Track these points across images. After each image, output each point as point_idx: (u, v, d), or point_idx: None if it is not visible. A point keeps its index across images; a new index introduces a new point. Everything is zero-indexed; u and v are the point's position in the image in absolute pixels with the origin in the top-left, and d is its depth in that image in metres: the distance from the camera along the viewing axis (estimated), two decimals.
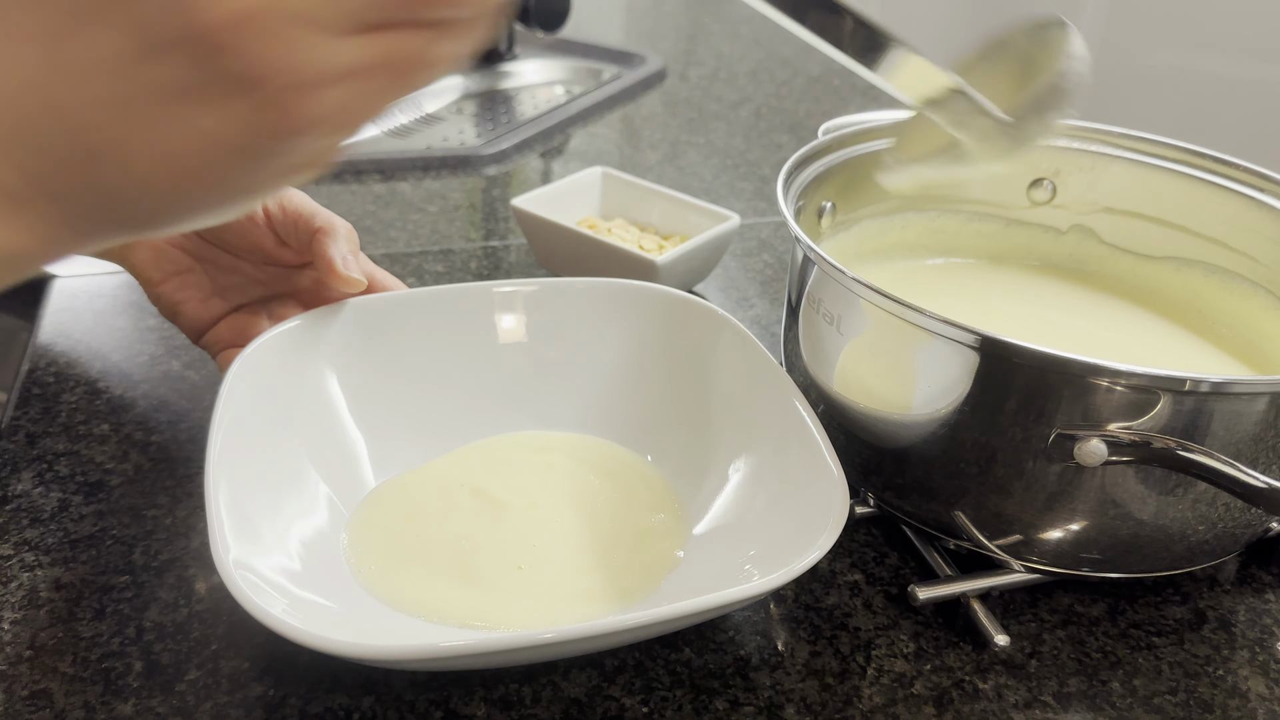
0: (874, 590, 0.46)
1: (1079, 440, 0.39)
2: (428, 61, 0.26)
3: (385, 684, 0.40)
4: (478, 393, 0.51)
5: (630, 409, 0.52)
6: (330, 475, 0.46)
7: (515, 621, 0.41)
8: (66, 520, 0.47)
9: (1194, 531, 0.43)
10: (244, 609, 0.34)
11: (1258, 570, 0.48)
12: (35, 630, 0.41)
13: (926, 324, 0.41)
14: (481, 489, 0.47)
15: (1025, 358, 0.39)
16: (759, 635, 0.43)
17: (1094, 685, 0.42)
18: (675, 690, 0.40)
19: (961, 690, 0.41)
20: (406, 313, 0.50)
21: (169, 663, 0.40)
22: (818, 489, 0.42)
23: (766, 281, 0.72)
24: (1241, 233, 0.55)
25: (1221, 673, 0.43)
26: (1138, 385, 0.38)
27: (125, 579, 0.44)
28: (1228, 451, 0.39)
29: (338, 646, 0.33)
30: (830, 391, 0.48)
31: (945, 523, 0.45)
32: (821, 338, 0.48)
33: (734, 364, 0.49)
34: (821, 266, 0.45)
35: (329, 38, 0.24)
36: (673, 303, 0.52)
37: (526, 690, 0.40)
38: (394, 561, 0.43)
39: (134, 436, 0.53)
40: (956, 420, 0.42)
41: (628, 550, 0.45)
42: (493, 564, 0.43)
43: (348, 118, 0.25)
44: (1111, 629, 0.44)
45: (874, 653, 0.42)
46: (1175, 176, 0.57)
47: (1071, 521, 0.42)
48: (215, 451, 0.40)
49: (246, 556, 0.37)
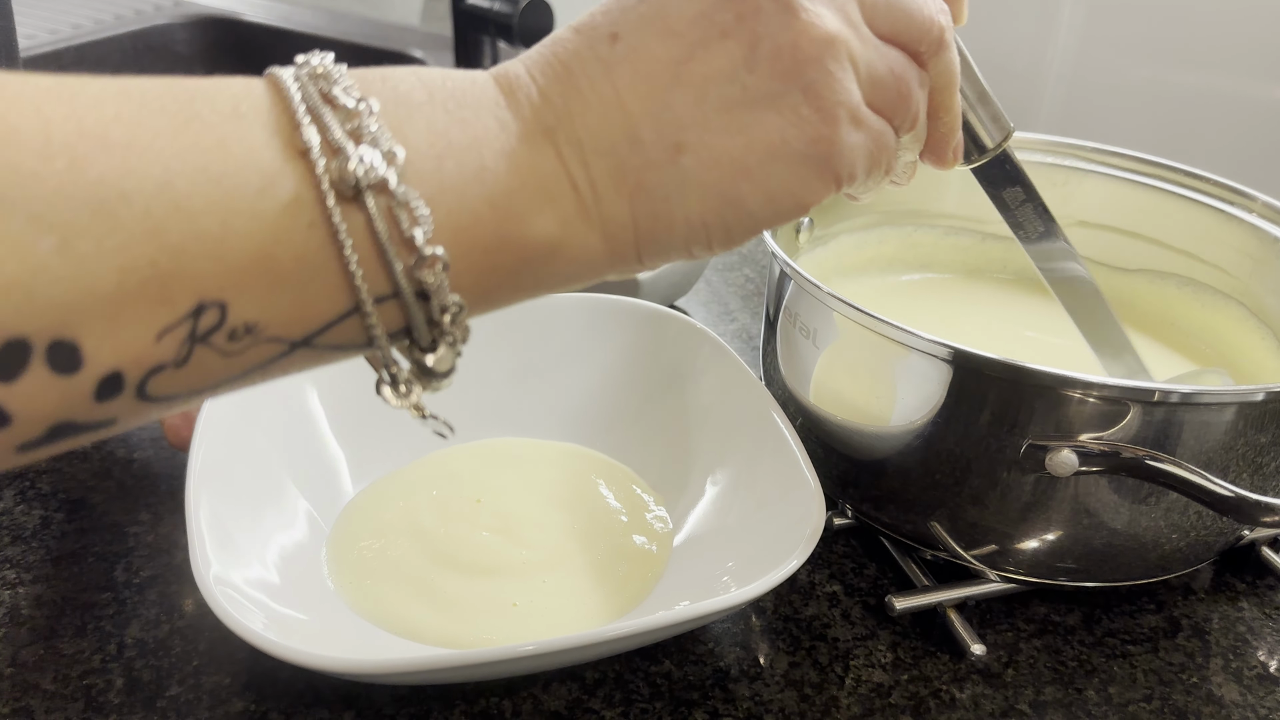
0: (852, 601, 0.46)
1: (1050, 451, 0.40)
2: (890, 157, 0.31)
3: (366, 698, 0.40)
4: (459, 405, 0.52)
5: (611, 422, 0.52)
6: (310, 490, 0.46)
7: (493, 634, 0.41)
8: (48, 537, 0.47)
9: (1167, 540, 0.43)
10: (225, 625, 0.34)
11: (1231, 578, 0.49)
12: (16, 647, 0.41)
13: (900, 338, 0.42)
14: (460, 497, 0.47)
15: (997, 370, 0.40)
16: (738, 646, 0.43)
17: (1070, 694, 0.42)
18: (655, 702, 0.41)
19: (938, 699, 0.41)
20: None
21: (150, 679, 0.40)
22: (795, 500, 0.42)
23: (748, 295, 0.72)
24: (1213, 246, 0.56)
25: (1196, 680, 0.43)
26: (1108, 396, 0.39)
27: (107, 595, 0.44)
28: (1198, 461, 0.40)
29: (317, 661, 0.33)
30: (808, 404, 0.48)
31: (922, 533, 0.46)
32: (799, 352, 0.48)
33: (713, 377, 0.50)
34: (798, 281, 0.46)
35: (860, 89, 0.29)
36: (653, 317, 0.52)
37: (507, 704, 0.40)
38: (373, 573, 0.43)
39: (116, 454, 0.53)
40: (931, 432, 0.43)
41: (611, 560, 0.45)
42: (470, 575, 0.44)
43: (861, 159, 0.29)
44: (1087, 637, 0.45)
45: (852, 663, 0.43)
46: (1148, 190, 0.57)
47: (1046, 531, 0.43)
48: (196, 468, 0.40)
49: (227, 572, 0.37)
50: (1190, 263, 0.57)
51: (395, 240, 0.24)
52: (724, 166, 0.27)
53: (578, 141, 0.27)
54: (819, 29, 0.27)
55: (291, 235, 0.23)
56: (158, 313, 0.22)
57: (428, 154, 0.25)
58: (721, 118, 0.27)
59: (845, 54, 0.28)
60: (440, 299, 0.25)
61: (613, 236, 0.28)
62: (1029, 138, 0.59)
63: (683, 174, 0.27)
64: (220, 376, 0.24)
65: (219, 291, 0.23)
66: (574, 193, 0.27)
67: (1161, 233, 0.57)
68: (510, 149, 0.26)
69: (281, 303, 0.24)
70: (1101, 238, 0.59)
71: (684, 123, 0.27)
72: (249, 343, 0.24)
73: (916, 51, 0.31)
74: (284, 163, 0.23)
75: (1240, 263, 0.54)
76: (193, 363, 0.23)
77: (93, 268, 0.21)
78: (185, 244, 0.22)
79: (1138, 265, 0.59)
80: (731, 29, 0.27)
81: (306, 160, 0.23)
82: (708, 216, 0.28)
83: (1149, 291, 0.58)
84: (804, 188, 0.28)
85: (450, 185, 0.25)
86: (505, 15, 0.94)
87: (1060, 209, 0.60)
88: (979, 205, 0.61)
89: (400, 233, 0.24)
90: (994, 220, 0.61)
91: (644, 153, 0.27)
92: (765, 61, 0.27)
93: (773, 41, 0.27)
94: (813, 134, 0.28)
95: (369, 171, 0.24)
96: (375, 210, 0.24)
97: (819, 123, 0.28)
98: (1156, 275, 0.58)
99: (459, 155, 0.25)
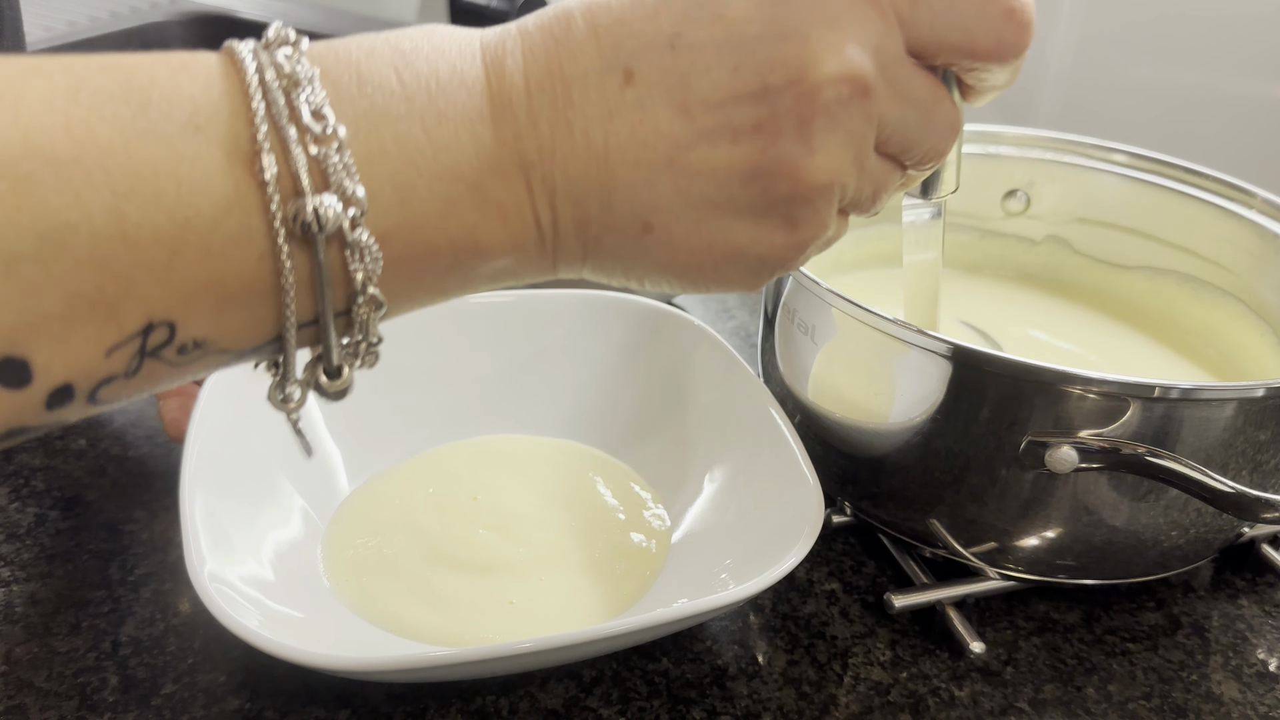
0: (851, 599, 0.46)
1: (1050, 447, 0.40)
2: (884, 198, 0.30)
3: (362, 696, 0.40)
4: (456, 403, 0.52)
5: (608, 419, 0.52)
6: (306, 488, 0.46)
7: (490, 631, 0.41)
8: (43, 535, 0.47)
9: (1167, 537, 0.43)
10: (220, 622, 0.34)
11: (1231, 575, 0.49)
12: (10, 645, 0.41)
13: (899, 334, 0.41)
14: (457, 494, 0.47)
15: (997, 366, 0.40)
16: (736, 644, 0.43)
17: (1069, 691, 0.42)
18: (653, 700, 0.40)
19: (938, 697, 0.41)
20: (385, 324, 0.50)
21: (145, 677, 0.40)
22: (793, 498, 0.42)
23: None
24: (1213, 242, 0.55)
25: (1196, 678, 0.43)
26: (1108, 393, 0.39)
27: (101, 593, 0.44)
28: (1197, 457, 0.39)
29: (313, 659, 0.33)
30: (806, 401, 0.48)
31: (921, 531, 0.46)
32: (797, 348, 0.48)
33: (712, 374, 0.50)
34: (796, 277, 0.46)
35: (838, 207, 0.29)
36: (651, 314, 0.52)
37: (504, 702, 0.40)
38: (369, 571, 0.43)
39: (110, 451, 0.53)
40: (930, 429, 0.43)
41: (609, 557, 0.45)
42: (467, 572, 0.43)
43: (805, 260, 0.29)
44: (1087, 635, 0.45)
45: (851, 661, 0.43)
46: (1148, 187, 0.57)
47: (1045, 528, 0.43)
48: (191, 466, 0.40)
49: (222, 570, 0.37)
50: (1189, 259, 0.57)
51: (337, 281, 0.24)
52: (680, 255, 0.27)
53: (552, 185, 0.26)
54: (824, 174, 0.27)
55: (241, 267, 0.23)
56: (106, 332, 0.22)
57: (394, 187, 0.24)
58: (696, 214, 0.27)
59: (838, 194, 0.28)
60: (364, 334, 0.25)
61: (562, 264, 0.28)
62: (1028, 133, 0.59)
63: (640, 249, 0.27)
64: (171, 380, 0.24)
65: (167, 313, 0.22)
66: (535, 229, 0.26)
67: (1161, 229, 0.57)
68: (481, 180, 0.25)
69: (230, 322, 0.23)
70: (1100, 234, 0.59)
71: (659, 207, 0.26)
72: (198, 355, 0.24)
73: (909, 166, 0.30)
74: (239, 193, 0.22)
75: (1240, 259, 0.54)
76: (142, 373, 0.23)
77: (39, 292, 0.21)
78: (134, 273, 0.21)
79: (1137, 262, 0.59)
80: (745, 136, 0.26)
81: (264, 194, 0.23)
82: (653, 280, 0.28)
83: (1148, 288, 0.58)
84: (745, 284, 0.29)
85: (411, 220, 0.24)
86: (502, 13, 0.94)
87: (1059, 205, 0.60)
88: (978, 202, 0.61)
89: (346, 272, 0.24)
90: (993, 217, 0.61)
91: (611, 218, 0.26)
92: (762, 182, 0.26)
93: (778, 168, 0.26)
94: (776, 255, 0.28)
95: (325, 219, 0.23)
96: (324, 256, 0.23)
97: (785, 248, 0.28)
98: (1156, 272, 0.58)
99: (428, 188, 0.24)
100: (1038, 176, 0.59)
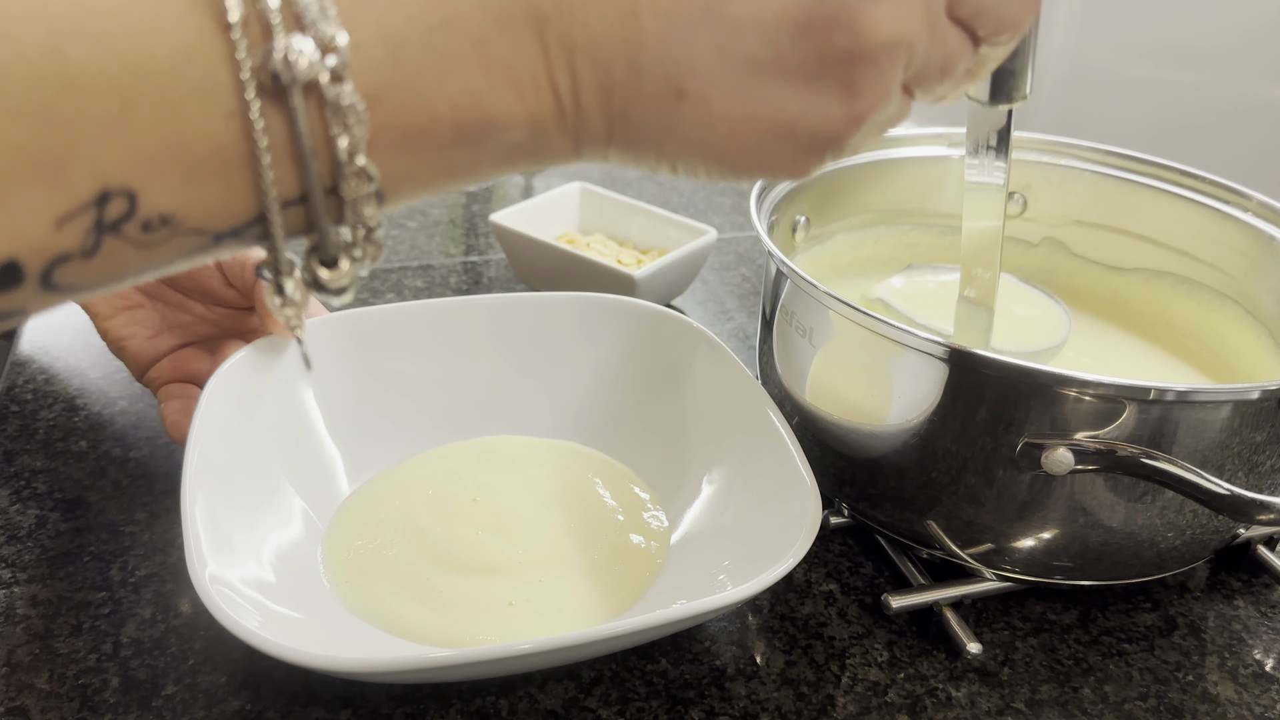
0: (849, 600, 0.46)
1: (1046, 449, 0.40)
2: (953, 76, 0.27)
3: (362, 697, 0.40)
4: (455, 405, 0.52)
5: (607, 421, 0.52)
6: (306, 489, 0.46)
7: (489, 632, 0.41)
8: (44, 537, 0.47)
9: (1163, 539, 0.43)
10: (220, 624, 0.34)
11: (1227, 576, 0.49)
12: (12, 647, 0.41)
13: (896, 336, 0.42)
14: (456, 496, 0.47)
15: (994, 368, 0.40)
16: (735, 645, 0.43)
17: (1066, 692, 0.42)
18: (651, 701, 0.41)
19: (935, 698, 0.41)
20: (385, 327, 0.50)
21: (146, 678, 0.40)
22: (791, 499, 0.42)
23: (745, 295, 0.72)
24: (1209, 245, 0.56)
25: (1192, 678, 0.43)
26: (1104, 395, 0.39)
27: (103, 595, 0.44)
28: (1193, 459, 0.40)
29: (313, 660, 0.33)
30: (804, 403, 0.48)
31: (918, 532, 0.46)
32: (795, 350, 0.48)
33: (710, 376, 0.50)
34: (794, 280, 0.46)
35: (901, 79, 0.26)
36: (650, 316, 0.52)
37: (503, 703, 0.40)
38: (369, 572, 0.43)
39: (112, 453, 0.53)
40: (927, 430, 0.43)
41: (608, 558, 0.45)
42: (466, 573, 0.44)
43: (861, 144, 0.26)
44: (1083, 636, 0.45)
45: (848, 661, 0.43)
46: (1144, 189, 0.57)
47: (1042, 530, 0.43)
48: (192, 467, 0.40)
49: (223, 571, 0.37)
50: (1186, 262, 0.57)
51: (319, 149, 0.21)
52: (719, 128, 0.24)
53: (571, 44, 0.23)
54: (890, 27, 0.23)
55: (205, 125, 0.20)
56: (53, 198, 0.19)
57: (383, 39, 0.21)
58: (736, 78, 0.23)
59: (905, 56, 0.25)
60: (358, 217, 0.22)
61: (585, 143, 0.25)
62: (1025, 136, 0.59)
63: (673, 120, 0.24)
64: (140, 267, 0.22)
65: (124, 178, 0.20)
66: (553, 98, 0.23)
67: (1157, 232, 0.58)
68: (486, 36, 0.22)
69: (202, 195, 0.21)
70: (1097, 237, 0.59)
71: (695, 69, 0.23)
72: (166, 234, 0.21)
73: (983, 37, 0.27)
74: (201, 38, 0.19)
75: (1236, 262, 0.55)
76: (103, 254, 0.20)
77: None
78: (80, 126, 0.19)
79: (1133, 264, 0.59)
80: None
81: (228, 37, 0.20)
82: (686, 161, 0.25)
83: (1144, 290, 0.59)
84: (793, 168, 0.26)
85: (404, 80, 0.21)
86: None
87: (1057, 208, 0.60)
88: None
89: (328, 136, 0.21)
90: None
91: (640, 84, 0.23)
92: (818, 35, 0.23)
93: (837, 18, 0.23)
94: (830, 130, 0.25)
95: (297, 66, 0.20)
96: (300, 112, 0.20)
97: (841, 121, 0.25)
98: (1152, 274, 0.58)
99: (422, 41, 0.21)
100: (1034, 179, 0.60)
